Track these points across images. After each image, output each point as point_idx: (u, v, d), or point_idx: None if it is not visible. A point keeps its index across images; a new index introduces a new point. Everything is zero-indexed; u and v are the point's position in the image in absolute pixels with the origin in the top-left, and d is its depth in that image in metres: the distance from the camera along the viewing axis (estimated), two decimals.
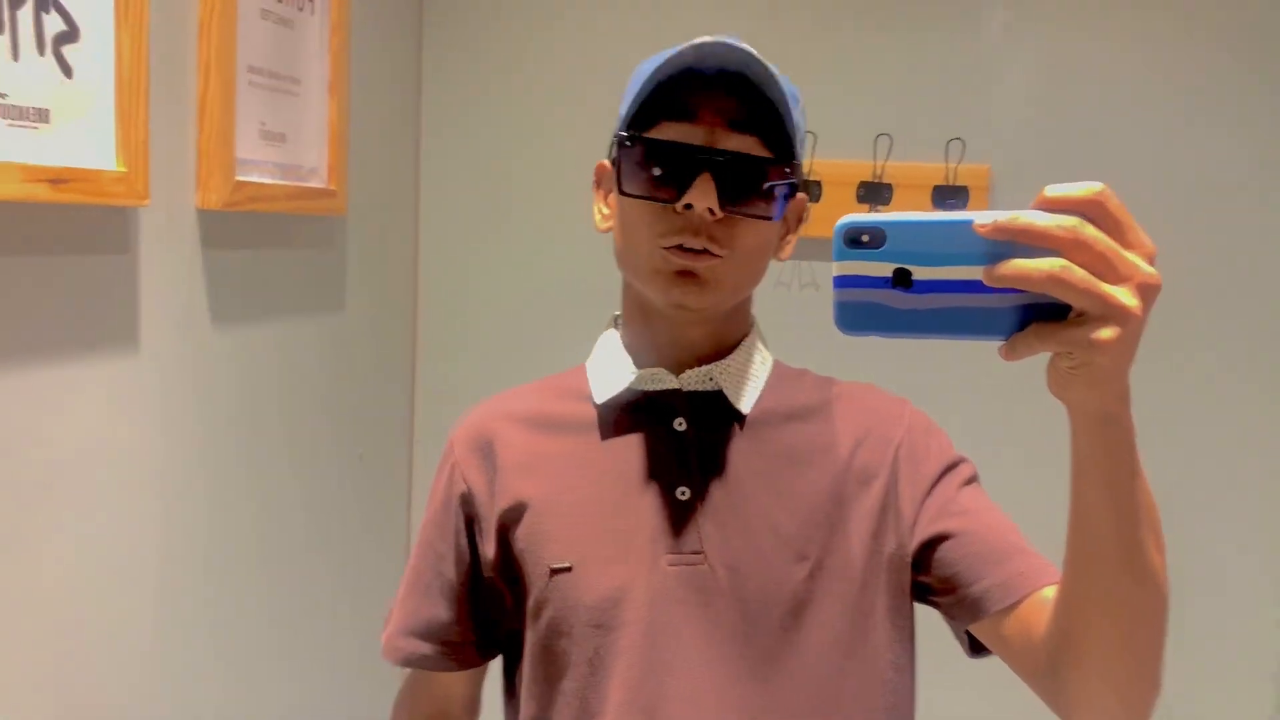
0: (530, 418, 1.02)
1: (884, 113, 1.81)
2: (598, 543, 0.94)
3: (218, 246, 1.39)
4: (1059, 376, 0.63)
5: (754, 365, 0.98)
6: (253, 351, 1.50)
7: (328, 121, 1.62)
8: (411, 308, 2.05)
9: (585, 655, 0.93)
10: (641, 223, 0.90)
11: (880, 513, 0.94)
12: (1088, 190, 0.58)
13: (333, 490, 1.77)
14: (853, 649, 0.92)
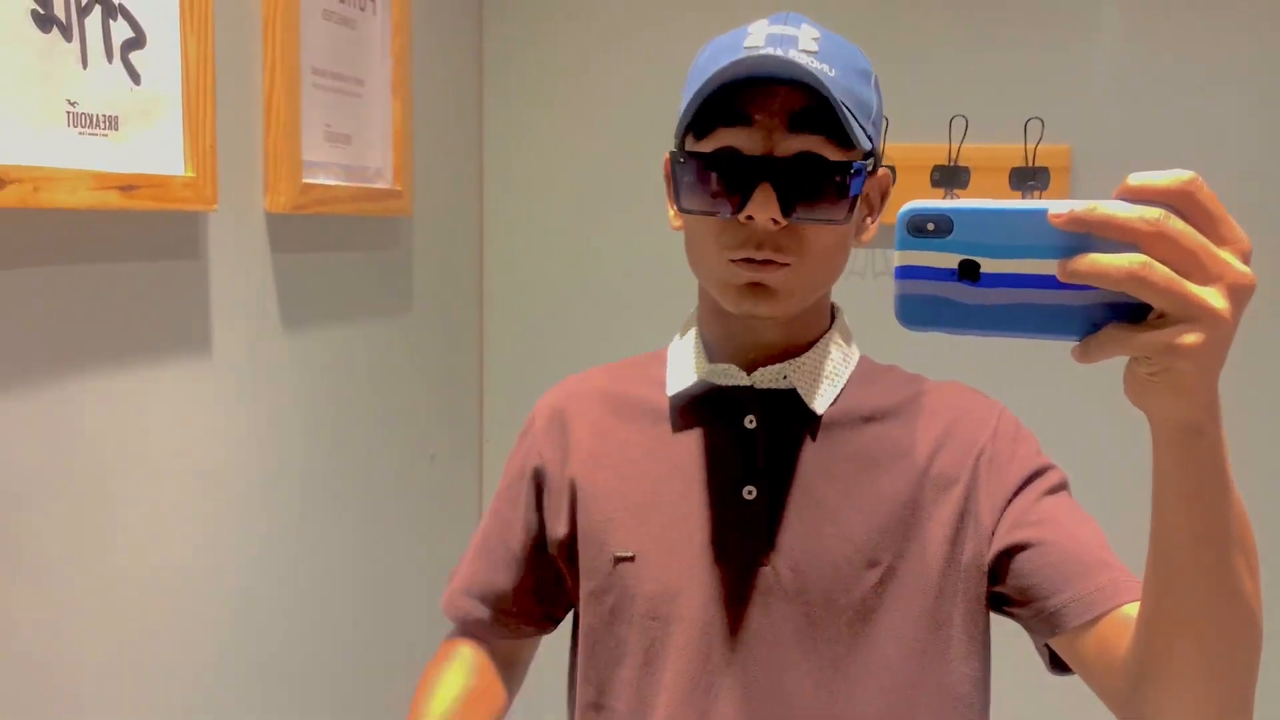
0: (609, 400, 1.01)
1: (959, 93, 1.75)
2: (661, 535, 0.92)
3: (286, 249, 1.39)
4: (1137, 383, 0.57)
5: (831, 363, 0.94)
6: (322, 352, 1.50)
7: (392, 122, 1.61)
8: (477, 306, 2.05)
9: (642, 645, 0.92)
10: (707, 235, 0.87)
11: (958, 519, 0.90)
12: (1175, 179, 0.52)
13: (405, 491, 1.77)
14: (925, 659, 0.89)
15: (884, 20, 1.80)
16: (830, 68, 0.83)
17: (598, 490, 0.96)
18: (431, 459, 1.85)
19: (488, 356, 2.06)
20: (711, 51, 0.89)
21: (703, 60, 0.89)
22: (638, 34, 1.95)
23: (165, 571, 1.20)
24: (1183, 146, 1.72)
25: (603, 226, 1.99)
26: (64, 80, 1.01)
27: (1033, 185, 1.72)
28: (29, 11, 0.97)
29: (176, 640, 1.22)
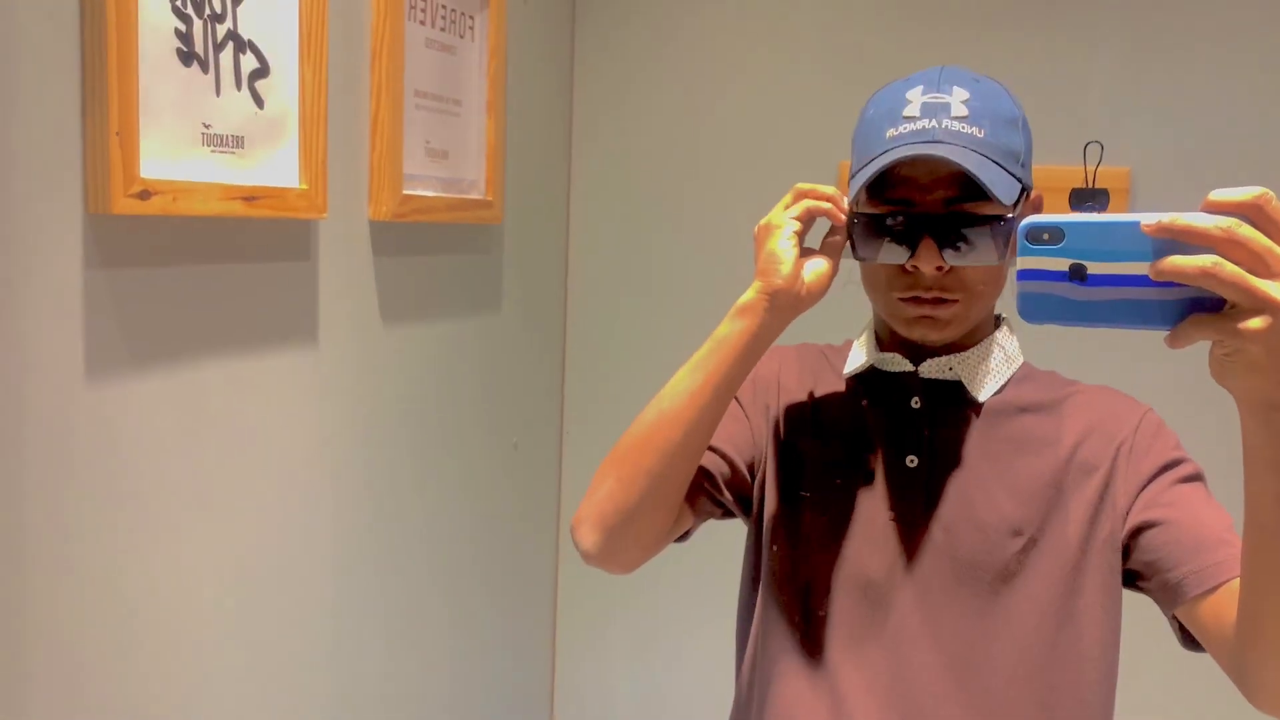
0: (821, 367, 1.16)
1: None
2: (837, 485, 1.07)
3: (387, 253, 1.55)
4: (1217, 365, 0.69)
5: (994, 360, 1.07)
6: (417, 348, 1.66)
7: (486, 138, 1.77)
8: (561, 308, 2.19)
9: (813, 572, 1.06)
10: (878, 277, 1.02)
11: (1098, 501, 1.01)
12: (1248, 195, 0.64)
13: (490, 476, 1.92)
14: (1061, 623, 1.00)
15: (949, 44, 1.88)
16: (980, 129, 0.97)
17: (795, 433, 1.12)
18: (515, 447, 2.00)
19: (569, 354, 2.21)
20: (874, 115, 1.02)
21: (867, 121, 1.03)
22: (722, 53, 2.07)
23: (267, 545, 1.36)
24: (1236, 168, 1.77)
25: (680, 235, 2.11)
26: (201, 106, 1.18)
27: (1091, 206, 1.79)
28: (175, 49, 1.14)
29: (274, 607, 1.39)
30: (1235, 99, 1.78)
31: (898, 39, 1.93)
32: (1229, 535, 0.94)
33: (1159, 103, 1.81)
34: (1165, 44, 1.81)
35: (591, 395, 2.21)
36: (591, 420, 2.21)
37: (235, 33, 1.22)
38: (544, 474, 2.17)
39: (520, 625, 2.10)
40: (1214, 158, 1.78)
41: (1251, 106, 1.77)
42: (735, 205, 2.06)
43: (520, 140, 1.94)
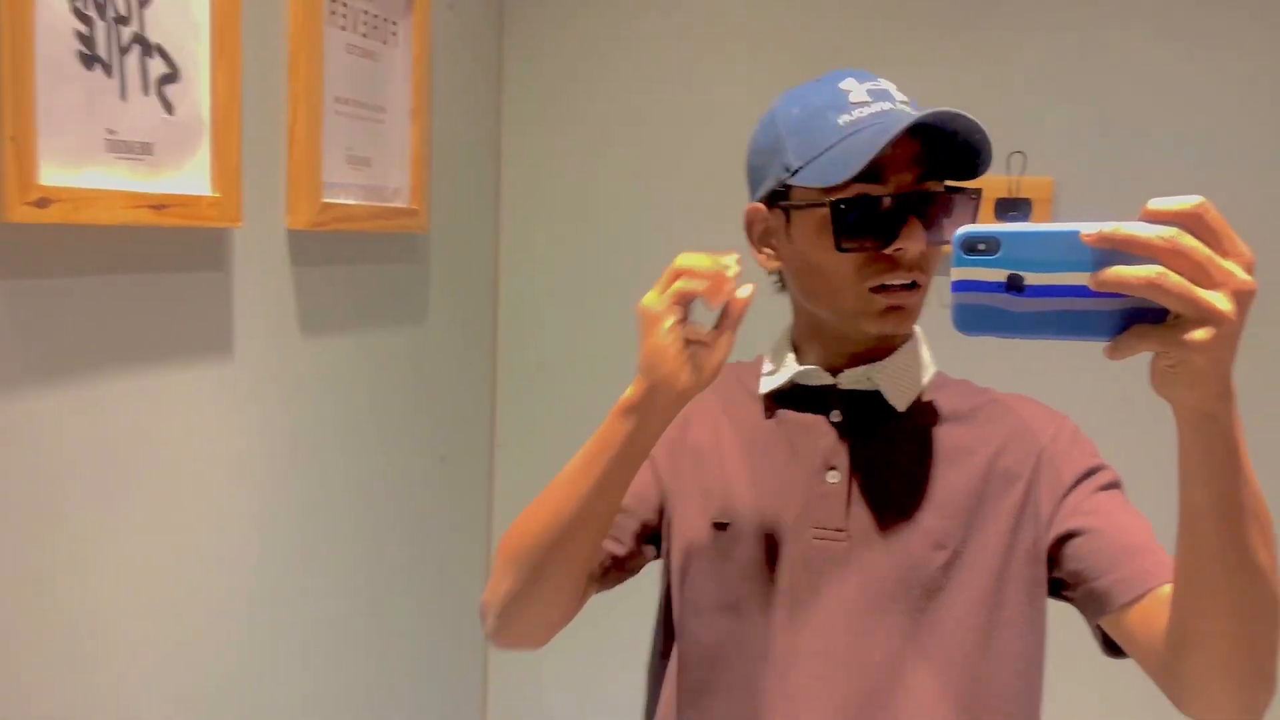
0: (726, 389, 1.12)
1: None
2: (754, 508, 1.04)
3: (307, 263, 1.52)
4: (1160, 376, 0.67)
5: (912, 369, 1.06)
6: (340, 360, 1.63)
7: (410, 146, 1.74)
8: (492, 318, 2.17)
9: (732, 602, 1.03)
10: (847, 271, 0.96)
11: (1019, 511, 1.00)
12: (1188, 204, 0.62)
13: (418, 490, 1.89)
14: (987, 636, 0.99)
15: (870, 55, 1.89)
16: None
17: (704, 464, 1.09)
18: (441, 460, 1.97)
19: (501, 365, 2.18)
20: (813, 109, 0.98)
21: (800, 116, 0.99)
22: (653, 57, 2.06)
23: (183, 562, 1.32)
24: (1157, 176, 1.80)
25: (615, 242, 2.10)
26: (105, 111, 1.14)
27: (1015, 216, 1.81)
28: (76, 52, 1.10)
29: (194, 625, 1.34)
30: (1154, 109, 1.81)
31: (824, 50, 1.94)
32: (1152, 542, 0.94)
33: (1080, 113, 1.84)
34: (1085, 55, 1.84)
35: (525, 407, 2.18)
36: (525, 432, 2.18)
37: (142, 36, 1.18)
38: (474, 487, 2.14)
39: (452, 641, 2.07)
40: (1135, 167, 1.82)
41: (1169, 116, 1.81)
42: (671, 211, 2.06)
43: (447, 147, 1.91)
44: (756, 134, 1.05)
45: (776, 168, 1.00)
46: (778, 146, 1.00)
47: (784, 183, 0.99)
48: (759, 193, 1.03)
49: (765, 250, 1.05)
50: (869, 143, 0.91)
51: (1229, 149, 1.79)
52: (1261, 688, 0.79)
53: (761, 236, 1.05)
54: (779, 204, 1.00)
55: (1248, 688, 0.79)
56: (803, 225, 0.98)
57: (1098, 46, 1.83)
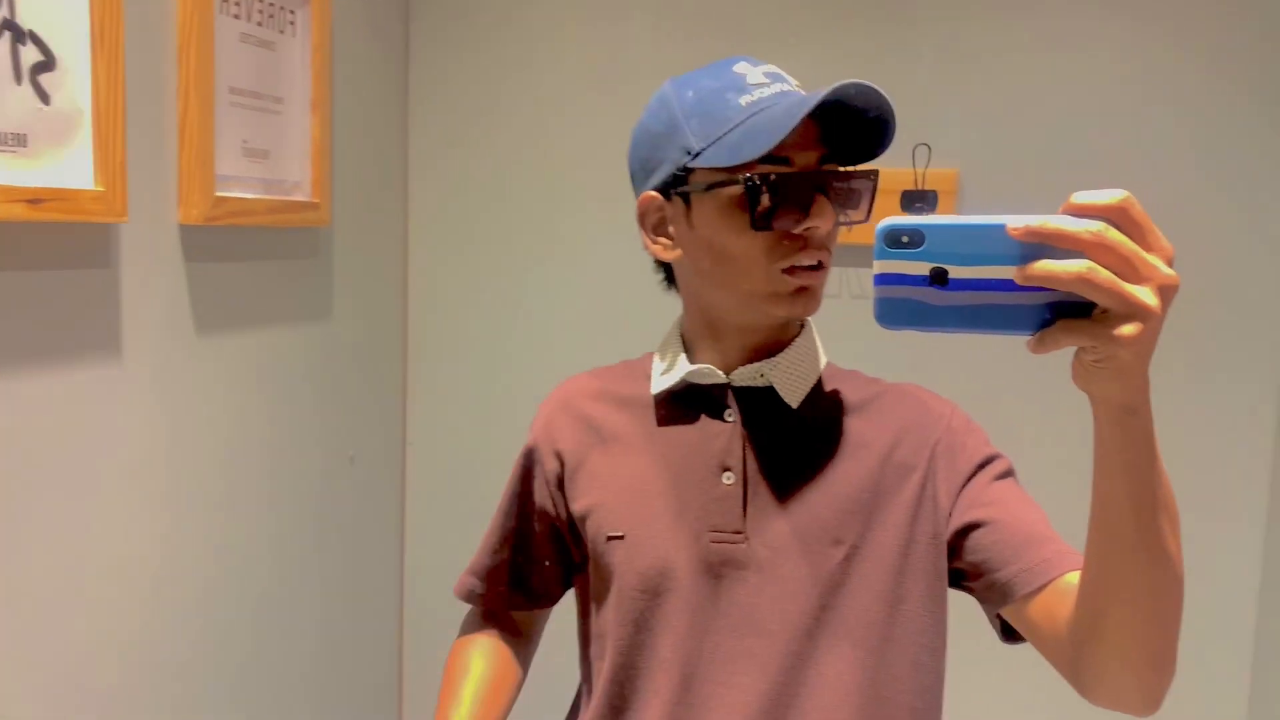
0: (602, 395, 1.12)
1: None
2: (649, 517, 1.03)
3: (201, 259, 1.47)
4: (1084, 370, 0.67)
5: (805, 363, 1.05)
6: (240, 360, 1.58)
7: (310, 138, 1.70)
8: (401, 313, 2.13)
9: (633, 616, 1.02)
10: (758, 252, 0.95)
11: (917, 503, 1.00)
12: (1113, 198, 0.62)
13: (324, 493, 1.84)
14: (888, 631, 0.99)
15: (777, 49, 1.90)
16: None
17: (592, 477, 1.08)
18: (351, 461, 1.93)
19: (411, 361, 2.14)
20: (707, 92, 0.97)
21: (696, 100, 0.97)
22: (564, 48, 2.04)
23: (74, 575, 1.27)
24: (1059, 167, 1.83)
25: (526, 235, 2.07)
26: None
27: (920, 207, 1.82)
28: None
29: (89, 640, 1.29)
30: (1055, 101, 1.85)
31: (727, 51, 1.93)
32: (1051, 531, 0.95)
33: (983, 105, 1.87)
34: (988, 48, 1.87)
35: (436, 404, 2.15)
36: (437, 431, 2.15)
37: (13, 22, 1.13)
38: (385, 488, 2.09)
39: (365, 644, 2.03)
40: (1038, 158, 1.85)
41: (1070, 107, 1.84)
42: (583, 204, 2.04)
43: (350, 138, 1.86)
44: (646, 121, 1.03)
45: (674, 152, 0.98)
46: (674, 130, 0.98)
47: (684, 166, 0.97)
48: (653, 180, 1.01)
49: (661, 240, 1.03)
50: (784, 116, 0.90)
51: (1130, 140, 1.83)
52: (1165, 671, 0.81)
53: (657, 226, 1.03)
54: (678, 190, 0.99)
55: (1153, 672, 0.81)
56: (708, 208, 0.97)
57: (999, 38, 1.86)
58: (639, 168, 1.04)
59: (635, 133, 1.05)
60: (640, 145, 1.03)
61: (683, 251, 1.01)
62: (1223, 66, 1.80)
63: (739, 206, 0.94)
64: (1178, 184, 1.82)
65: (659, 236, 1.03)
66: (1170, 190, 1.82)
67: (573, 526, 1.11)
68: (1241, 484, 1.85)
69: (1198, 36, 1.80)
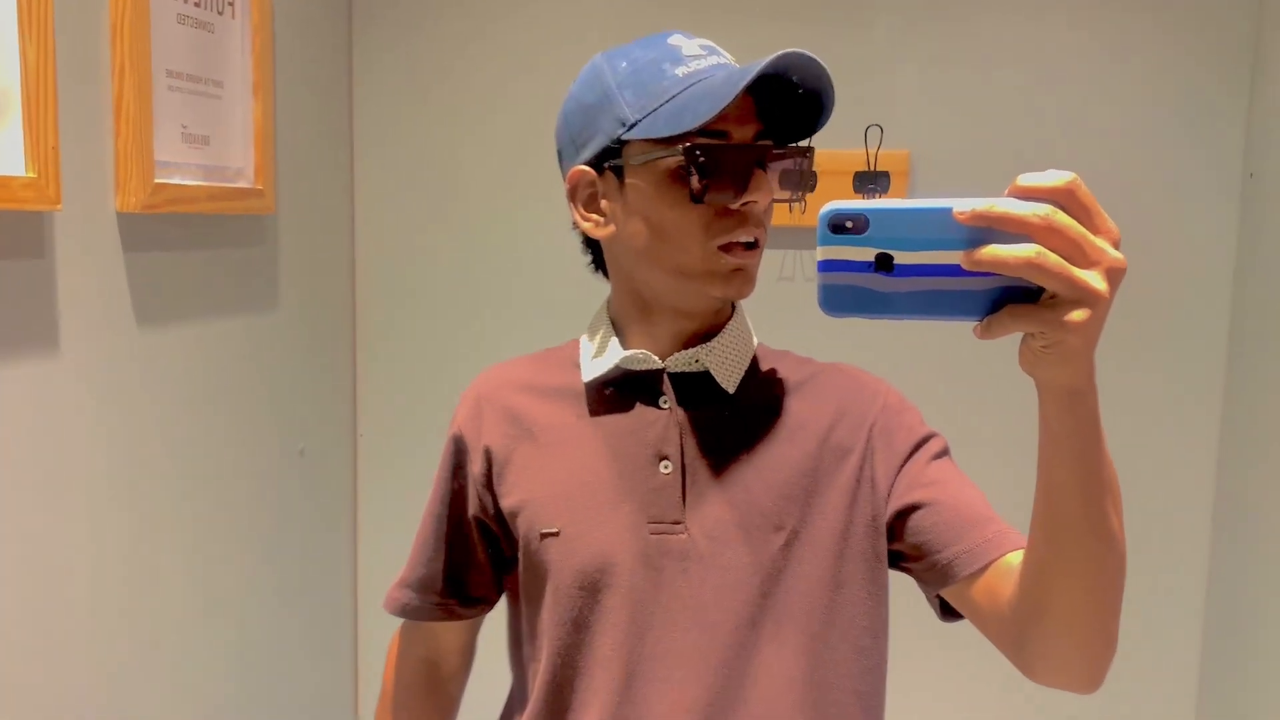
0: (530, 387, 1.07)
1: None
2: (584, 511, 0.99)
3: (140, 249, 1.42)
4: (1032, 355, 0.66)
5: (740, 346, 1.03)
6: (182, 351, 1.53)
7: (253, 122, 1.65)
8: (349, 302, 2.08)
9: (571, 615, 0.99)
10: (694, 227, 0.92)
11: (855, 485, 0.99)
12: (1060, 180, 0.61)
13: (273, 487, 1.80)
14: (830, 616, 0.97)
15: (729, 31, 1.88)
16: None
17: (522, 472, 1.03)
18: (301, 454, 1.88)
19: (361, 351, 2.10)
20: (642, 63, 0.94)
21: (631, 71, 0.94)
22: (509, 32, 2.00)
23: (11, 575, 1.22)
24: (1011, 148, 1.84)
25: (475, 221, 2.04)
26: None
27: (873, 189, 1.82)
28: None
29: (24, 644, 1.24)
30: (1006, 82, 1.85)
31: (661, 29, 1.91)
32: (990, 511, 0.95)
33: (935, 87, 1.87)
34: (939, 29, 1.87)
35: (387, 395, 2.11)
36: (389, 421, 2.11)
37: None
38: (337, 480, 2.05)
39: (318, 640, 1.99)
40: (989, 139, 1.85)
41: (1022, 88, 1.85)
42: (532, 188, 2.01)
43: (294, 124, 1.82)
44: (576, 92, 0.99)
45: (607, 124, 0.95)
46: (607, 101, 0.95)
47: (618, 138, 0.93)
48: (584, 154, 0.97)
49: (593, 217, 0.99)
50: (724, 85, 0.88)
51: (1082, 121, 1.84)
52: (1108, 648, 0.81)
53: (588, 202, 0.99)
54: (611, 163, 0.95)
55: (1096, 649, 0.81)
56: (643, 182, 0.93)
57: (951, 19, 1.86)
58: (569, 141, 1.00)
59: (565, 105, 1.01)
60: (571, 118, 0.99)
61: (615, 228, 0.97)
62: (1179, 50, 1.81)
63: (676, 179, 0.92)
64: (1130, 165, 1.84)
65: (590, 213, 0.99)
66: (1123, 173, 1.83)
67: (503, 523, 1.06)
68: (1188, 466, 1.88)
69: (1154, 20, 1.81)
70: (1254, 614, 1.73)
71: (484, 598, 1.13)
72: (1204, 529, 1.88)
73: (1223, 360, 1.85)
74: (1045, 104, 1.84)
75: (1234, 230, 1.82)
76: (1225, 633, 1.83)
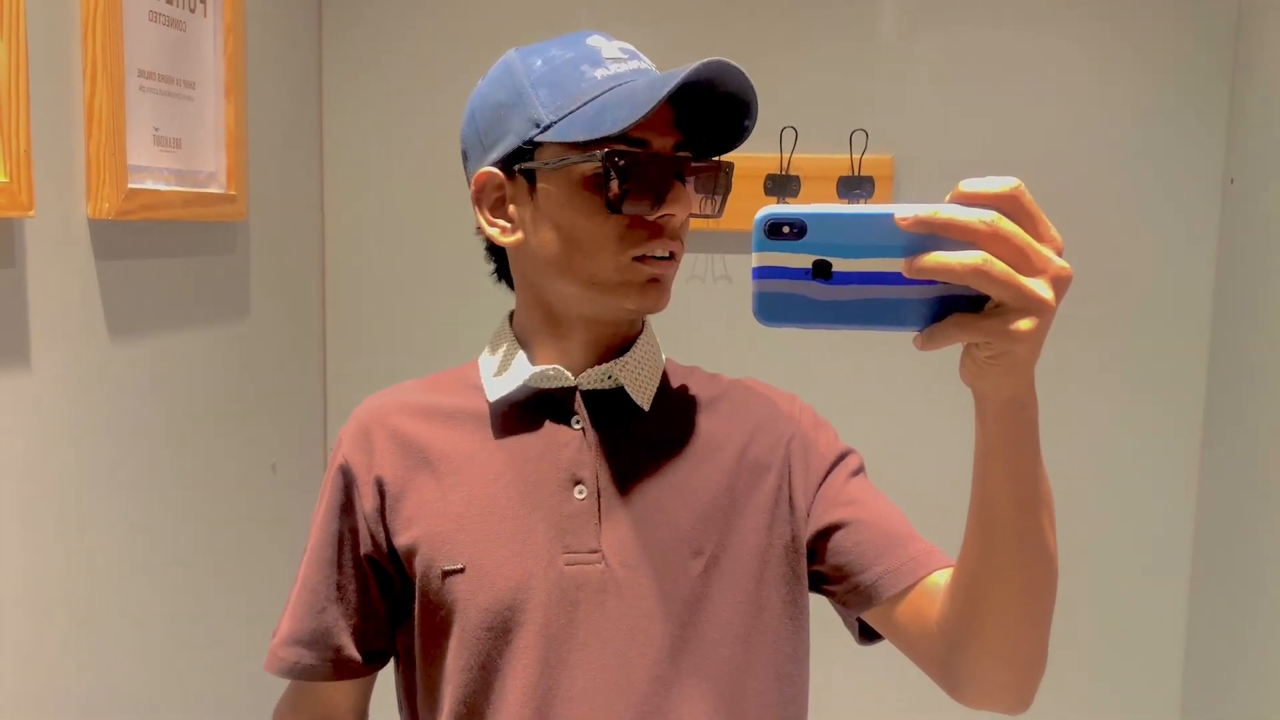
0: (422, 412, 0.99)
1: (788, 105, 1.83)
2: (492, 543, 0.91)
3: (113, 256, 1.36)
4: (975, 366, 0.64)
5: (651, 361, 0.98)
6: (154, 361, 1.47)
7: (225, 125, 1.59)
8: (319, 311, 2.02)
9: (479, 659, 0.91)
10: (608, 237, 0.88)
11: (773, 505, 0.94)
12: (1003, 186, 0.59)
13: (247, 501, 1.73)
14: (750, 643, 0.93)
15: (713, 35, 1.86)
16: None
17: (417, 504, 0.94)
18: (273, 469, 1.82)
19: (331, 362, 2.04)
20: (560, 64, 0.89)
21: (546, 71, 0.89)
22: (486, 30, 1.96)
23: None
24: (995, 153, 1.84)
25: (447, 230, 1.99)
26: None
27: (858, 194, 1.81)
28: None
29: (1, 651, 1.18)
30: (991, 87, 1.85)
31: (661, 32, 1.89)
32: (910, 529, 0.92)
33: (920, 91, 1.86)
34: (924, 34, 1.86)
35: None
36: None
37: None
38: (310, 496, 1.99)
39: None
40: (974, 143, 1.85)
41: (1006, 92, 1.85)
42: None
43: (265, 127, 1.76)
44: (485, 89, 0.94)
45: (519, 124, 0.89)
46: (520, 100, 0.89)
47: (531, 140, 0.88)
48: (492, 155, 0.91)
49: (500, 223, 0.93)
50: (647, 91, 0.83)
51: (1066, 124, 1.84)
52: (1037, 668, 0.80)
53: (495, 206, 0.93)
54: (522, 166, 0.90)
55: (1026, 669, 0.79)
56: (555, 187, 0.88)
57: (935, 25, 1.86)
58: (475, 141, 0.94)
59: (472, 102, 0.95)
60: (478, 116, 0.94)
61: (524, 235, 0.91)
62: (1160, 57, 1.83)
63: (591, 186, 0.86)
64: (1112, 170, 1.84)
65: (497, 218, 0.93)
66: (1105, 178, 1.84)
67: (397, 563, 0.95)
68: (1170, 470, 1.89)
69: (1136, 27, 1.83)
70: (1239, 616, 1.74)
71: (383, 650, 1.01)
72: (1186, 534, 1.89)
73: (1204, 365, 1.87)
74: (1028, 108, 1.85)
75: (1214, 235, 1.84)
76: (1209, 636, 1.85)
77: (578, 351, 0.95)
